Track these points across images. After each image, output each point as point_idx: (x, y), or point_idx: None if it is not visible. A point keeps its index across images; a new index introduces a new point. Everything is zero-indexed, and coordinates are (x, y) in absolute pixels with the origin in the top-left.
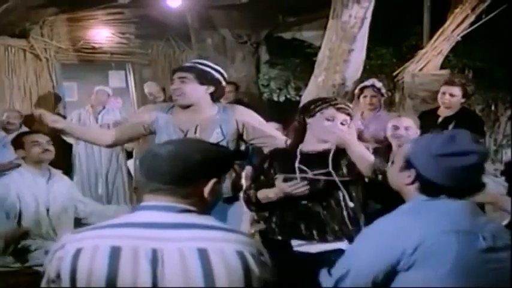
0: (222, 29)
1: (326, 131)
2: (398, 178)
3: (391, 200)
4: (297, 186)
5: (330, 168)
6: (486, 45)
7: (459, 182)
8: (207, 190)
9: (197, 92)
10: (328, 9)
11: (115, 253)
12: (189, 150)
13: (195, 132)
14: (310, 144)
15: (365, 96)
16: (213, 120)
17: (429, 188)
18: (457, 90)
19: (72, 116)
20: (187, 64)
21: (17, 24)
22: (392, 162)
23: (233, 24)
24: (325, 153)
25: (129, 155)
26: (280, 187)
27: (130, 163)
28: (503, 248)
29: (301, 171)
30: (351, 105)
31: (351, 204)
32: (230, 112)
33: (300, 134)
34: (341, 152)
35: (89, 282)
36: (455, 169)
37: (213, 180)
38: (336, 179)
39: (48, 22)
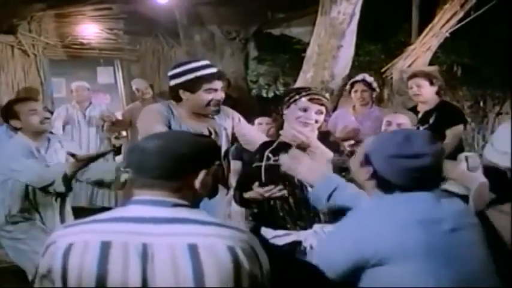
0: (211, 25)
1: (299, 122)
2: (359, 173)
3: None
4: (273, 192)
5: None
6: (475, 41)
7: (413, 182)
8: (197, 182)
9: None
10: (317, 5)
11: (105, 248)
12: (176, 143)
13: (210, 135)
14: (288, 134)
15: (356, 91)
16: (218, 124)
17: (385, 186)
18: (421, 81)
19: (60, 111)
20: (214, 70)
21: (5, 20)
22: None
23: (222, 21)
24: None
25: (118, 151)
26: (258, 192)
27: (119, 159)
28: (466, 227)
29: (268, 158)
30: (325, 95)
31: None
32: (226, 116)
33: (280, 126)
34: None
35: (80, 277)
36: (409, 170)
37: (203, 172)
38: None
39: (36, 18)
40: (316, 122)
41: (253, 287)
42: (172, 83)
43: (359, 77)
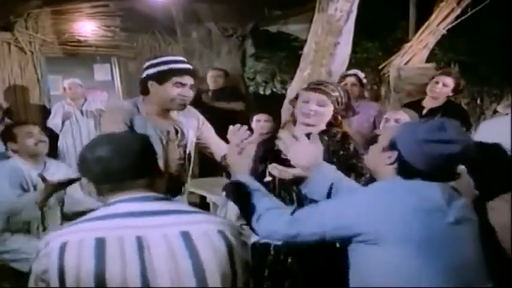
0: (208, 22)
1: (301, 114)
2: (379, 158)
3: None
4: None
5: None
6: (472, 39)
7: (437, 169)
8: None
9: None
10: (314, 2)
11: (100, 245)
12: (127, 142)
13: (176, 134)
14: (298, 128)
15: (345, 84)
16: (182, 122)
17: (406, 171)
18: (450, 81)
19: (56, 109)
20: (188, 66)
21: (2, 17)
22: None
23: (219, 18)
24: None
25: None
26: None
27: None
28: (467, 222)
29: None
30: (335, 85)
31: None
32: (191, 116)
33: (295, 121)
34: (325, 136)
35: (78, 276)
36: (437, 156)
37: (159, 160)
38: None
39: (33, 15)
40: (317, 113)
41: (245, 269)
42: (144, 74)
43: (352, 71)
